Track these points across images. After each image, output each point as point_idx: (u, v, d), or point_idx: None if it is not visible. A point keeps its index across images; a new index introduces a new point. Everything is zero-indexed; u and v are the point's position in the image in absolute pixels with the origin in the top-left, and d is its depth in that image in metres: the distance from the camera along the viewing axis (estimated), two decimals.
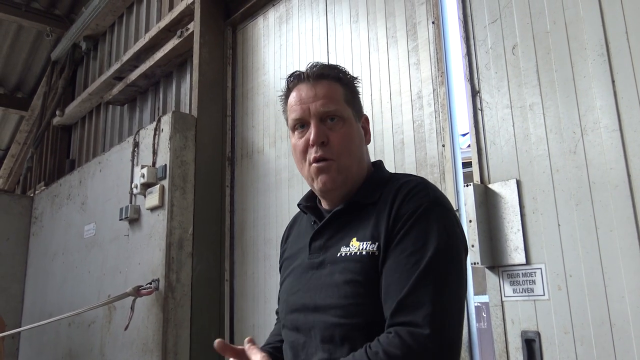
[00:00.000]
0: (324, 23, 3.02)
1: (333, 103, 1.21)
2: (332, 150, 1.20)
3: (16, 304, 4.83)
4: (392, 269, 1.07)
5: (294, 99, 1.25)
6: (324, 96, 1.21)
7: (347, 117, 1.23)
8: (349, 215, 1.21)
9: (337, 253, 1.16)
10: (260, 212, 3.21)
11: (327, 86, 1.23)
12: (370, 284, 1.09)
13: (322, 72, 1.25)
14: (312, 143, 1.20)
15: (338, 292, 1.11)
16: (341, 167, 1.20)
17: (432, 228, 1.08)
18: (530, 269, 1.85)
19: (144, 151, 3.52)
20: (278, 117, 3.23)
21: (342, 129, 1.22)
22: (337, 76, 1.26)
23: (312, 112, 1.21)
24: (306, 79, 1.24)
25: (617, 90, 1.73)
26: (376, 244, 1.11)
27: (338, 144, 1.20)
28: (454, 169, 2.20)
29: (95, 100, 5.26)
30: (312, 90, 1.22)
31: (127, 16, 5.03)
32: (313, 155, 1.20)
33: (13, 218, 5.01)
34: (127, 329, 3.15)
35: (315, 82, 1.23)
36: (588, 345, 1.68)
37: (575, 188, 1.78)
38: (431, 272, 1.03)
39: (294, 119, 1.24)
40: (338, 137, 1.20)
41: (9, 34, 6.09)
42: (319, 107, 1.21)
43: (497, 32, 2.09)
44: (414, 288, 1.02)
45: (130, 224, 3.48)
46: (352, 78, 1.30)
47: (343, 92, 1.25)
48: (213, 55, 3.67)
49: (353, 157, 1.23)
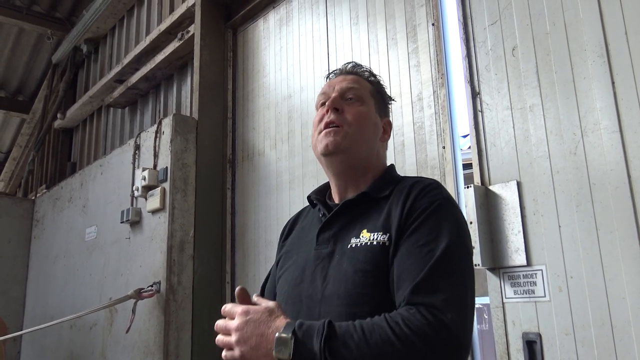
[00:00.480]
0: (324, 25, 3.03)
1: (356, 84, 1.32)
2: (344, 118, 1.27)
3: (17, 306, 4.84)
4: (405, 257, 1.07)
5: (325, 84, 1.38)
6: (350, 79, 1.34)
7: (366, 101, 1.31)
8: (358, 208, 1.23)
9: (347, 244, 1.18)
10: (261, 214, 3.22)
11: (356, 77, 1.36)
12: (379, 273, 1.10)
13: (356, 69, 1.38)
14: (327, 107, 1.28)
15: (346, 282, 1.12)
16: (348, 134, 1.25)
17: (446, 223, 1.11)
18: (531, 271, 1.85)
19: (145, 154, 3.52)
20: (279, 119, 3.23)
21: (359, 107, 1.30)
22: (368, 77, 1.38)
23: (336, 88, 1.32)
24: (340, 72, 1.39)
25: (617, 91, 1.73)
26: (387, 234, 1.13)
27: (351, 115, 1.27)
28: (454, 171, 2.20)
29: (96, 103, 5.27)
30: (342, 77, 1.36)
31: (128, 19, 5.04)
32: (325, 120, 1.27)
33: (14, 221, 5.01)
34: (129, 331, 3.15)
35: (347, 74, 1.37)
36: (589, 346, 1.68)
37: (575, 189, 1.78)
38: (446, 262, 1.05)
39: (320, 94, 1.35)
40: (352, 111, 1.28)
41: (10, 37, 6.10)
42: (343, 84, 1.32)
43: (497, 33, 2.09)
44: (430, 274, 1.03)
45: (132, 226, 3.49)
46: (382, 84, 1.41)
47: (370, 87, 1.35)
48: (214, 57, 3.68)
49: (363, 135, 1.28)
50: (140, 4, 4.83)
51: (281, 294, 1.28)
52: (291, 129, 3.11)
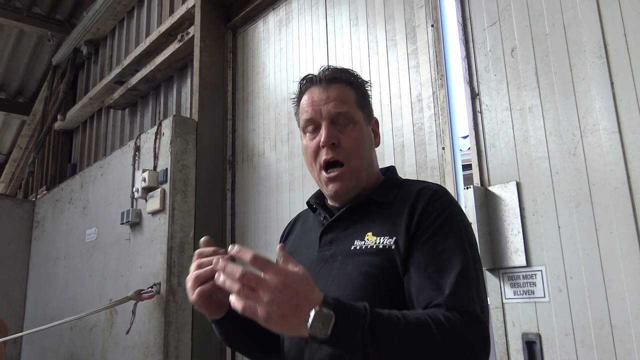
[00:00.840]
0: (324, 26, 3.03)
1: (345, 105, 1.23)
2: (343, 152, 1.21)
3: (18, 308, 4.84)
4: (425, 264, 1.07)
5: (306, 101, 1.26)
6: (336, 98, 1.23)
7: (358, 120, 1.25)
8: (362, 212, 1.22)
9: (350, 246, 1.17)
10: (261, 215, 3.22)
11: (339, 89, 1.25)
12: (386, 277, 1.10)
13: (334, 75, 1.27)
14: (323, 144, 1.21)
15: (351, 285, 1.11)
16: (352, 171, 1.22)
17: (461, 228, 1.12)
18: (531, 271, 1.85)
19: (145, 155, 3.53)
20: (278, 120, 3.23)
21: (353, 131, 1.23)
22: (349, 80, 1.28)
23: (324, 114, 1.22)
24: (318, 82, 1.26)
25: (616, 92, 1.73)
26: (393, 238, 1.12)
27: (349, 146, 1.22)
28: (454, 172, 2.20)
29: (97, 104, 5.27)
30: (325, 93, 1.24)
31: (128, 20, 5.05)
32: (324, 157, 1.22)
33: (15, 222, 5.02)
34: (129, 332, 3.16)
35: (328, 85, 1.25)
36: (589, 346, 1.68)
37: (575, 190, 1.78)
38: (469, 268, 1.06)
39: (305, 119, 1.26)
40: (349, 140, 1.22)
41: (11, 39, 6.11)
42: (330, 109, 1.22)
43: (496, 34, 2.09)
44: (458, 281, 1.03)
45: (132, 228, 3.49)
46: (363, 82, 1.32)
47: (354, 95, 1.27)
48: (213, 59, 3.68)
49: (363, 160, 1.25)
50: (140, 5, 4.84)
51: None
52: (291, 130, 3.11)
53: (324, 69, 1.28)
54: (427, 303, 1.02)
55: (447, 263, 1.06)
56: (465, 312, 0.99)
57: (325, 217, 1.28)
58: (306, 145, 1.27)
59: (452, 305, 1.00)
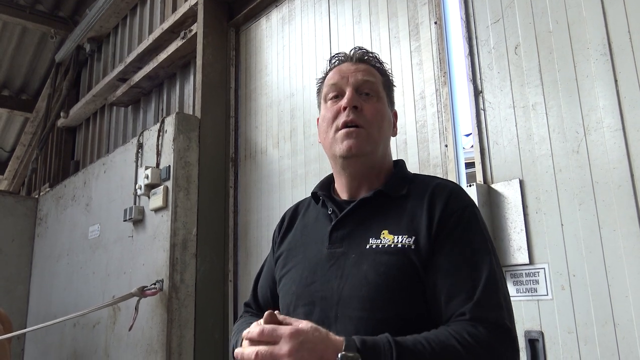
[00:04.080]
0: (327, 24, 3.03)
1: (371, 77, 1.23)
2: (364, 118, 1.19)
3: (21, 305, 4.85)
4: (453, 270, 1.05)
5: (334, 72, 1.26)
6: (364, 70, 1.24)
7: (382, 96, 1.24)
8: (374, 207, 1.18)
9: (364, 244, 1.12)
10: (263, 212, 3.22)
11: (368, 67, 1.26)
12: (405, 278, 1.07)
13: (365, 56, 1.27)
14: (346, 105, 1.19)
15: (368, 285, 1.07)
16: (370, 137, 1.19)
17: (482, 227, 1.12)
18: (534, 269, 1.85)
19: (147, 152, 3.53)
20: (281, 117, 3.23)
21: (377, 103, 1.22)
22: (377, 65, 1.29)
23: (351, 81, 1.22)
24: (349, 59, 1.27)
25: (619, 89, 1.73)
26: (413, 238, 1.09)
27: (370, 114, 1.20)
28: (456, 169, 2.20)
29: (100, 101, 5.28)
30: (354, 66, 1.25)
31: (131, 18, 5.05)
32: (343, 119, 1.18)
33: (18, 219, 5.03)
34: (132, 329, 3.16)
35: (358, 62, 1.26)
36: (592, 344, 1.68)
37: (578, 188, 1.78)
38: (495, 274, 1.06)
39: (330, 84, 1.24)
40: (372, 109, 1.21)
41: (14, 36, 6.12)
42: (358, 77, 1.22)
43: (499, 32, 2.09)
44: (486, 289, 1.03)
45: (135, 225, 3.50)
46: (389, 72, 1.32)
47: (381, 78, 1.27)
48: (216, 56, 3.68)
49: (381, 134, 1.22)
50: (143, 2, 4.84)
51: (288, 293, 1.21)
52: (293, 127, 3.11)
53: (356, 48, 1.29)
54: (455, 311, 1.02)
55: (476, 267, 1.05)
56: (490, 323, 1.00)
57: (334, 211, 1.22)
58: (324, 113, 1.24)
59: (478, 315, 1.00)
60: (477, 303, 1.01)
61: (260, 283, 1.40)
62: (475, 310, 1.00)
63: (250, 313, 1.39)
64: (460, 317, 1.01)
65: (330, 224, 1.20)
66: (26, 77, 6.73)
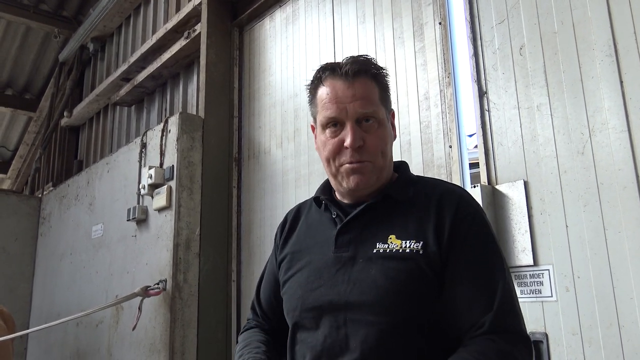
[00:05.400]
0: (331, 24, 3.02)
1: (371, 105, 1.17)
2: (368, 153, 1.16)
3: (24, 303, 4.87)
4: (469, 280, 1.08)
5: (329, 95, 1.18)
6: (362, 97, 1.16)
7: (382, 118, 1.19)
8: (380, 211, 1.18)
9: (372, 249, 1.12)
10: (267, 212, 3.22)
11: (364, 85, 1.17)
12: (414, 282, 1.07)
13: (359, 68, 1.18)
14: (350, 147, 1.14)
15: (377, 289, 1.08)
16: (375, 167, 1.17)
17: (491, 233, 1.14)
18: (538, 270, 1.84)
19: (151, 152, 3.54)
20: (285, 117, 3.23)
21: (378, 130, 1.18)
22: (373, 73, 1.21)
23: (350, 114, 1.15)
24: (343, 75, 1.17)
25: (625, 91, 1.72)
26: (421, 243, 1.10)
27: (373, 146, 1.16)
28: (461, 170, 2.20)
29: (103, 101, 5.29)
30: (350, 89, 1.16)
31: (135, 17, 5.05)
32: (349, 159, 1.16)
33: (21, 218, 5.04)
34: (135, 329, 3.17)
35: (353, 80, 1.17)
36: (596, 346, 1.67)
37: (583, 189, 1.78)
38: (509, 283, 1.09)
39: (328, 117, 1.17)
40: (374, 140, 1.17)
41: (18, 36, 6.13)
42: (357, 109, 1.15)
43: (504, 32, 2.08)
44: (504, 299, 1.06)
45: (138, 224, 3.50)
46: (385, 73, 1.25)
47: (378, 91, 1.20)
48: (220, 56, 3.68)
49: (386, 158, 1.20)
50: (146, 2, 4.85)
51: (293, 297, 1.20)
52: (297, 128, 3.11)
53: (349, 61, 1.19)
54: (475, 321, 1.05)
55: (492, 275, 1.08)
56: (511, 333, 1.04)
57: (338, 215, 1.21)
58: (325, 142, 1.19)
59: (498, 325, 1.03)
60: (497, 313, 1.04)
61: (263, 287, 1.39)
62: (495, 321, 1.04)
63: (255, 322, 1.39)
64: (480, 329, 1.04)
65: (335, 227, 1.20)
66: (30, 76, 6.74)
